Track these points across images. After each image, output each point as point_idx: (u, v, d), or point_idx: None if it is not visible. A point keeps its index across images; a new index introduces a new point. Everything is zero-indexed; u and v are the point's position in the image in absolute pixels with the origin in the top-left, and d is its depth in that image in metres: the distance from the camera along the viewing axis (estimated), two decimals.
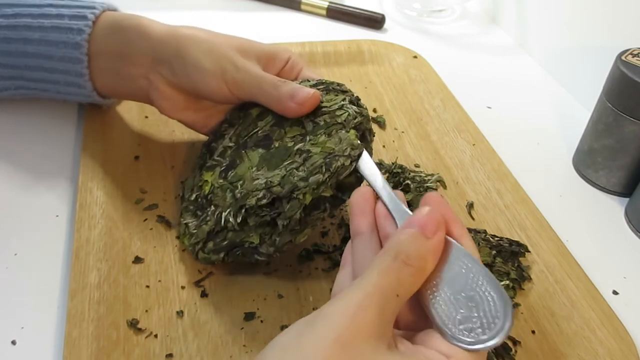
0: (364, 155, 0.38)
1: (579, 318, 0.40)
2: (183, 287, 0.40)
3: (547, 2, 0.69)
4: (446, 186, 0.51)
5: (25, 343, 0.37)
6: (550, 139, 0.60)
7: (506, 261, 0.43)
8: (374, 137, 0.43)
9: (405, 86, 0.63)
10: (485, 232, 0.45)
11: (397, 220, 0.33)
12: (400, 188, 0.48)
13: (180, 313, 0.39)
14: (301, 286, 0.41)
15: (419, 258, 0.29)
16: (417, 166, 0.52)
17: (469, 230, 0.45)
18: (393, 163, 0.52)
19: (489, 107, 0.64)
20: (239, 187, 0.39)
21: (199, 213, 0.41)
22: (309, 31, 0.75)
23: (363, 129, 0.41)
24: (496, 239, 0.44)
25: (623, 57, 0.48)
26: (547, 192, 0.52)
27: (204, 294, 0.40)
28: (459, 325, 0.28)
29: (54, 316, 0.39)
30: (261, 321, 0.39)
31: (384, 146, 0.55)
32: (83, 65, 0.47)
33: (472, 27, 0.81)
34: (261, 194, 0.37)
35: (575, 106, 0.65)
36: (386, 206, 0.34)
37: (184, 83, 0.45)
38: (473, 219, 0.48)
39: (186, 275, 0.41)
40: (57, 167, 0.50)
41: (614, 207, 0.52)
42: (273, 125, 0.42)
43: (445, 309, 0.29)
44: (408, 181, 0.49)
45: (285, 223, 0.37)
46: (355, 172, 0.38)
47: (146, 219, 0.45)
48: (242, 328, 0.38)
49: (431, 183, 0.50)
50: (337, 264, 0.43)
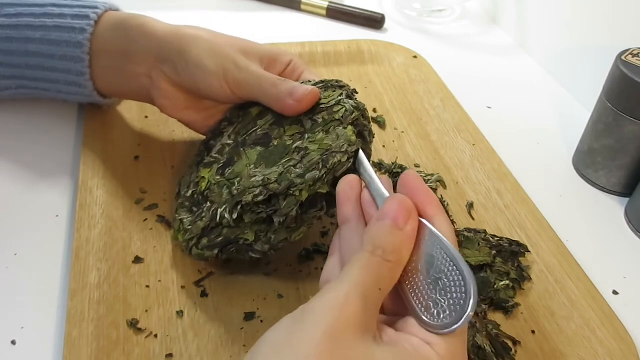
0: (361, 155, 0.38)
1: (579, 318, 0.40)
2: (183, 287, 0.40)
3: (547, 2, 0.69)
4: (446, 186, 0.51)
5: (25, 343, 0.37)
6: (550, 139, 0.60)
7: (506, 261, 0.43)
8: (374, 137, 0.43)
9: (405, 86, 0.63)
10: (485, 232, 0.45)
11: (379, 206, 0.33)
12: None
13: (180, 313, 0.39)
14: (301, 286, 0.41)
15: (395, 251, 0.30)
16: (417, 166, 0.52)
17: (469, 230, 0.45)
18: (393, 163, 0.52)
19: (489, 107, 0.64)
20: (236, 184, 0.39)
21: (195, 209, 0.41)
22: (309, 31, 0.75)
23: (362, 127, 0.41)
24: (496, 239, 0.44)
25: (623, 57, 0.48)
26: (547, 192, 0.52)
27: (204, 294, 0.40)
28: (432, 309, 0.29)
29: (54, 316, 0.39)
30: (261, 321, 0.39)
31: (384, 146, 0.55)
32: (84, 64, 0.47)
33: (472, 27, 0.81)
34: (258, 191, 0.37)
35: (575, 106, 0.65)
36: (370, 192, 0.34)
37: (186, 82, 0.45)
38: (473, 219, 0.48)
39: (186, 275, 0.41)
40: (57, 167, 0.50)
41: (614, 207, 0.52)
42: (272, 124, 0.42)
43: (418, 294, 0.29)
44: None
45: (281, 220, 0.37)
46: (353, 171, 0.38)
47: (146, 219, 0.45)
48: (242, 328, 0.38)
49: (431, 183, 0.50)
50: None
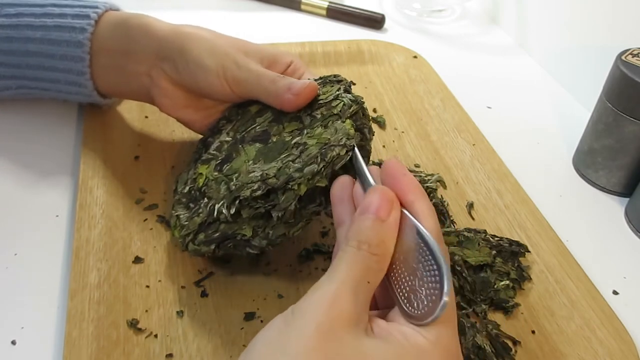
0: (356, 152, 0.38)
1: (579, 318, 0.40)
2: (183, 287, 0.40)
3: (547, 2, 0.69)
4: (446, 186, 0.51)
5: (25, 343, 0.37)
6: (550, 139, 0.60)
7: (506, 261, 0.43)
8: (374, 136, 0.43)
9: (405, 86, 0.63)
10: (485, 232, 0.45)
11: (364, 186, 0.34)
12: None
13: (180, 313, 0.39)
14: (301, 286, 0.41)
15: (380, 244, 0.30)
16: (417, 166, 0.52)
17: (469, 230, 0.45)
18: None
19: (489, 107, 0.64)
20: (234, 180, 0.39)
21: (192, 205, 0.41)
22: (309, 31, 0.75)
23: (360, 121, 0.41)
24: (496, 239, 0.44)
25: (623, 57, 0.48)
26: (547, 192, 0.52)
27: (204, 294, 0.40)
28: (412, 300, 0.29)
29: (54, 316, 0.39)
30: (261, 321, 0.39)
31: (384, 146, 0.55)
32: (84, 63, 0.47)
33: (472, 27, 0.80)
34: (256, 186, 0.37)
35: (575, 106, 0.65)
36: (361, 184, 0.34)
37: (186, 80, 0.45)
38: (473, 219, 0.48)
39: (186, 275, 0.41)
40: (57, 167, 0.50)
41: (614, 207, 0.52)
42: (272, 121, 0.43)
43: (400, 285, 0.30)
44: None
45: (279, 214, 0.37)
46: (351, 164, 0.38)
47: (146, 219, 0.45)
48: (242, 328, 0.38)
49: (431, 183, 0.50)
50: None
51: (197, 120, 0.48)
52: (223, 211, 0.38)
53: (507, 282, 0.42)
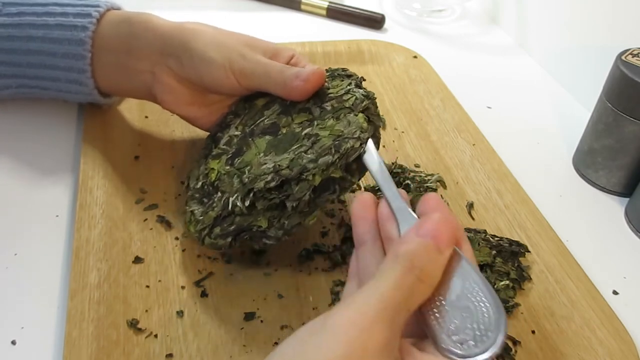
0: (370, 145, 0.38)
1: (579, 318, 0.40)
2: (183, 287, 0.40)
3: (547, 2, 0.69)
4: (446, 186, 0.51)
5: (25, 343, 0.37)
6: (550, 139, 0.60)
7: (506, 261, 0.43)
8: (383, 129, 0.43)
9: (405, 86, 0.63)
10: (485, 232, 0.45)
11: (400, 222, 0.32)
12: (400, 188, 0.48)
13: (180, 313, 0.39)
14: (301, 286, 0.41)
15: (433, 275, 0.28)
16: (417, 166, 0.52)
17: (469, 230, 0.45)
18: (393, 163, 0.52)
19: (489, 107, 0.64)
20: (247, 173, 0.39)
21: (205, 200, 0.41)
22: (309, 31, 0.75)
23: (372, 117, 0.41)
24: (496, 239, 0.44)
25: (623, 57, 0.48)
26: (547, 192, 0.52)
27: (204, 294, 0.40)
28: (452, 335, 0.27)
29: (54, 316, 0.39)
30: (261, 321, 0.39)
31: (384, 146, 0.55)
32: (86, 62, 0.47)
33: (472, 27, 0.80)
34: (269, 177, 0.37)
35: (575, 106, 0.65)
36: (389, 205, 0.34)
37: (191, 75, 0.45)
38: (473, 219, 0.48)
39: (186, 275, 0.41)
40: (58, 167, 0.50)
41: (614, 207, 0.52)
42: (280, 113, 0.43)
43: (439, 318, 0.28)
44: (408, 181, 0.49)
45: (294, 204, 0.37)
46: (360, 166, 0.39)
47: (146, 219, 0.45)
48: (242, 328, 0.38)
49: (431, 183, 0.50)
50: (337, 264, 0.43)
51: (201, 116, 0.48)
52: (238, 204, 0.38)
53: (507, 282, 0.42)
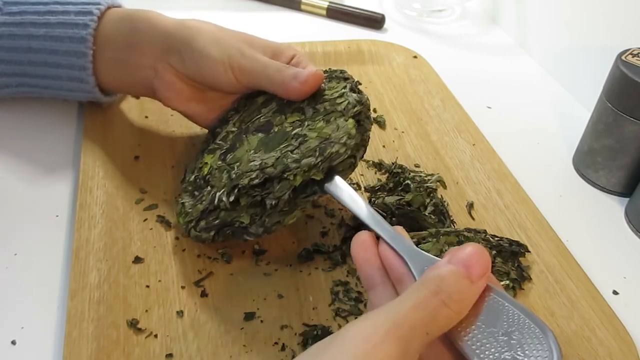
0: (338, 181, 0.38)
1: (579, 318, 0.40)
2: (183, 287, 0.40)
3: (547, 2, 0.69)
4: (446, 186, 0.51)
5: (25, 343, 0.37)
6: (550, 139, 0.60)
7: (506, 261, 0.43)
8: (371, 132, 0.43)
9: (405, 86, 0.63)
10: (485, 232, 0.45)
11: (410, 262, 0.31)
12: (400, 188, 0.48)
13: (180, 313, 0.39)
14: (301, 286, 0.41)
15: (460, 302, 0.27)
16: (417, 166, 0.52)
17: (469, 230, 0.45)
18: (393, 163, 0.52)
19: (489, 107, 0.64)
20: (235, 169, 0.40)
21: (196, 193, 0.42)
22: (309, 31, 0.75)
23: (363, 122, 0.41)
24: (496, 239, 0.44)
25: (623, 57, 0.48)
26: (547, 192, 0.52)
27: (204, 294, 0.40)
28: None
29: (54, 316, 0.39)
30: (261, 321, 0.39)
31: (384, 146, 0.55)
32: (87, 59, 0.47)
33: (472, 27, 0.80)
34: (254, 174, 0.38)
35: (575, 106, 0.65)
36: (391, 246, 0.32)
37: (192, 71, 0.45)
38: (473, 219, 0.48)
39: (186, 275, 0.41)
40: (57, 167, 0.50)
41: (614, 207, 0.52)
42: (275, 111, 0.43)
43: (484, 350, 0.27)
44: (408, 181, 0.49)
45: (273, 202, 0.38)
46: (350, 159, 0.39)
47: (146, 219, 0.45)
48: (242, 328, 0.38)
49: (431, 183, 0.50)
50: (337, 264, 0.43)
51: (201, 113, 0.48)
52: (223, 199, 0.38)
53: (507, 282, 0.42)
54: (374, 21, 0.76)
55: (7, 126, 0.54)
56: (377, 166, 0.52)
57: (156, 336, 0.37)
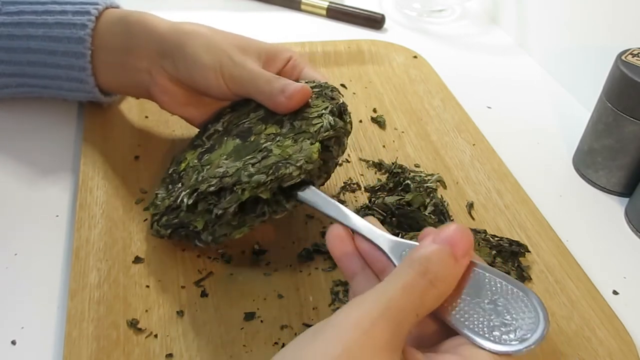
0: (313, 189, 0.37)
1: (579, 318, 0.40)
2: (183, 287, 0.40)
3: (547, 2, 0.69)
4: (446, 186, 0.51)
5: (25, 343, 0.37)
6: (550, 139, 0.60)
7: (506, 261, 0.43)
8: (336, 167, 0.43)
9: (405, 86, 0.63)
10: (485, 232, 0.45)
11: (390, 252, 0.32)
12: (400, 188, 0.48)
13: (180, 313, 0.39)
14: (301, 286, 0.41)
15: (447, 281, 0.28)
16: (417, 166, 0.52)
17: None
18: (393, 163, 0.52)
19: (489, 107, 0.64)
20: (204, 171, 0.40)
21: (170, 187, 0.42)
22: (309, 31, 0.75)
23: (328, 152, 0.41)
24: (496, 239, 0.44)
25: (623, 57, 0.48)
26: (547, 192, 0.52)
27: (204, 294, 0.40)
28: (497, 331, 0.27)
29: (54, 316, 0.39)
30: (261, 321, 0.39)
31: (384, 146, 0.55)
32: (86, 59, 0.47)
33: (472, 27, 0.80)
34: (214, 182, 0.38)
35: (575, 106, 0.65)
36: (370, 240, 0.33)
37: (184, 77, 0.45)
38: (473, 219, 0.48)
39: (186, 275, 0.41)
40: (58, 167, 0.50)
41: (614, 207, 0.52)
42: (260, 119, 0.43)
43: (474, 320, 0.28)
44: (408, 181, 0.49)
45: (218, 213, 0.38)
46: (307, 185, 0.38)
47: (146, 219, 0.45)
48: (242, 328, 0.38)
49: (431, 183, 0.50)
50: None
51: (197, 117, 0.48)
52: (184, 200, 0.39)
53: None
54: (374, 21, 0.76)
55: (7, 127, 0.54)
56: (377, 166, 0.52)
57: (156, 336, 0.37)
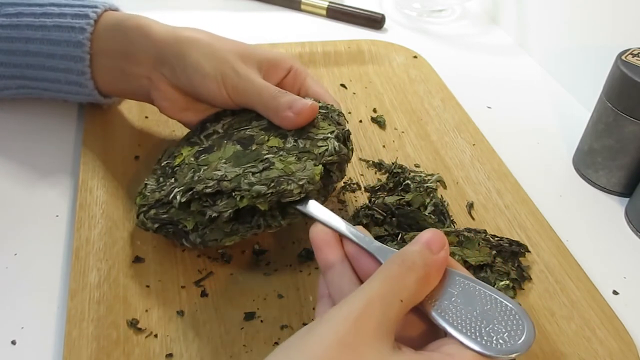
0: (313, 203, 0.38)
1: (579, 318, 0.40)
2: (183, 287, 0.40)
3: (547, 2, 0.69)
4: (446, 186, 0.51)
5: (25, 343, 0.37)
6: (550, 139, 0.60)
7: (506, 261, 0.43)
8: (333, 191, 0.43)
9: (405, 86, 0.63)
10: (485, 232, 0.45)
11: (372, 251, 0.33)
12: (400, 188, 0.48)
13: (180, 313, 0.39)
14: (301, 286, 0.41)
15: (424, 265, 0.30)
16: (417, 166, 0.52)
17: (469, 230, 0.45)
18: (393, 163, 0.52)
19: (489, 107, 0.64)
20: (201, 172, 0.40)
21: (161, 180, 0.42)
22: (309, 31, 0.75)
23: (328, 177, 0.41)
24: (496, 239, 0.44)
25: (623, 57, 0.48)
26: (547, 192, 0.52)
27: (204, 294, 0.40)
28: (482, 335, 0.29)
29: (54, 316, 0.39)
30: (261, 321, 0.39)
31: (384, 146, 0.55)
32: (85, 63, 0.47)
33: (472, 27, 0.80)
34: (211, 184, 0.38)
35: (575, 106, 0.65)
36: (359, 245, 0.33)
37: (185, 85, 0.45)
38: (473, 219, 0.48)
39: (186, 275, 0.41)
40: (57, 167, 0.50)
41: (614, 207, 0.52)
42: (263, 129, 0.43)
43: (463, 324, 0.29)
44: (408, 181, 0.49)
45: (212, 215, 0.38)
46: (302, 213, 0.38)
47: None
48: (242, 328, 0.38)
49: (431, 183, 0.50)
50: None
51: (197, 121, 0.48)
52: (177, 197, 0.39)
53: (507, 282, 0.42)
54: (374, 21, 0.76)
55: (7, 127, 0.54)
56: (377, 166, 0.52)
57: (156, 336, 0.37)
